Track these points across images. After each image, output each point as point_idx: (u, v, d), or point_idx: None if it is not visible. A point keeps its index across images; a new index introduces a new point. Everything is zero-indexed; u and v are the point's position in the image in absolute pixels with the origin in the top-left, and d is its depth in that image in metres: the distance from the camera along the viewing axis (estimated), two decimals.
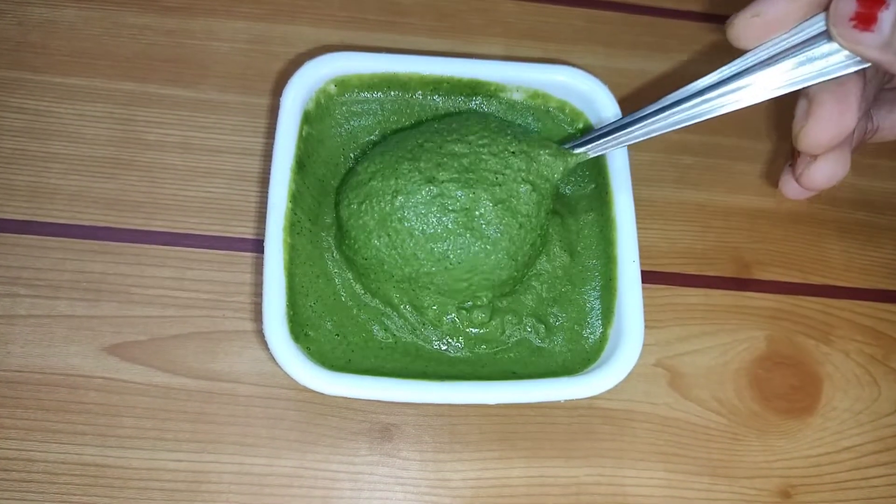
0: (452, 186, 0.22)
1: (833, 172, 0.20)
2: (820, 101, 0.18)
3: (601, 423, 0.26)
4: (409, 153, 0.23)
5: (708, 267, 0.29)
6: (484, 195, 0.22)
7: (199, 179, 0.28)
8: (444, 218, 0.22)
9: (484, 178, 0.22)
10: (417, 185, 0.22)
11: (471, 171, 0.22)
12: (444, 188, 0.22)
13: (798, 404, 0.27)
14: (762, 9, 0.18)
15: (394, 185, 0.22)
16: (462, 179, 0.22)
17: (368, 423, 0.25)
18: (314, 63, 0.25)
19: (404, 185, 0.22)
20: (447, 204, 0.22)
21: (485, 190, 0.22)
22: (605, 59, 0.32)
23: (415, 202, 0.22)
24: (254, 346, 0.26)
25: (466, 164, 0.22)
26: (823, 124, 0.18)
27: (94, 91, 0.29)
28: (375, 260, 0.23)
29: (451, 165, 0.22)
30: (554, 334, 0.25)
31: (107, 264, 0.26)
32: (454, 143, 0.23)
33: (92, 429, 0.24)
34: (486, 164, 0.23)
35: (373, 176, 0.23)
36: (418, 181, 0.22)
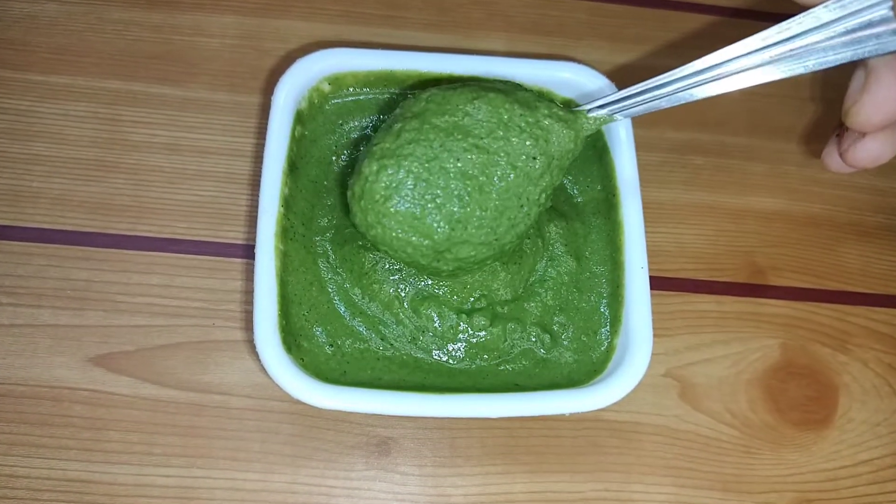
0: (468, 156, 0.21)
1: (881, 152, 0.19)
2: (878, 77, 0.17)
3: (608, 436, 0.26)
4: (423, 130, 0.21)
5: (719, 272, 0.29)
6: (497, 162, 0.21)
7: (187, 182, 0.28)
8: (459, 183, 0.21)
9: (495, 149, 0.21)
10: (435, 157, 0.21)
11: (482, 144, 0.21)
12: (461, 157, 0.21)
13: (814, 416, 0.27)
14: None
15: (413, 155, 0.21)
16: (476, 149, 0.21)
17: (365, 436, 0.25)
18: (307, 60, 0.25)
19: (422, 157, 0.21)
20: (465, 169, 0.21)
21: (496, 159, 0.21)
22: (610, 54, 0.32)
23: (430, 171, 0.21)
24: (245, 357, 0.26)
25: (478, 141, 0.21)
26: (879, 102, 0.17)
27: (78, 90, 0.28)
28: (394, 238, 0.21)
29: (464, 139, 0.21)
30: (559, 344, 0.24)
31: (92, 271, 0.26)
32: (464, 118, 0.21)
33: (77, 443, 0.24)
34: (498, 141, 0.21)
35: (398, 147, 0.21)
36: (434, 152, 0.21)
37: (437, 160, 0.21)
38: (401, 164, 0.21)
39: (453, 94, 0.21)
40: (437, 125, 0.21)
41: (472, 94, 0.21)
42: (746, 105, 0.32)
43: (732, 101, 0.32)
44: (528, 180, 0.21)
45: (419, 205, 0.21)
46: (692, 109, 0.32)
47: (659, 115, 0.31)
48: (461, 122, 0.21)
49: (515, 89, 0.22)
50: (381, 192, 0.21)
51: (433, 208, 0.21)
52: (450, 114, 0.21)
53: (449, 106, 0.21)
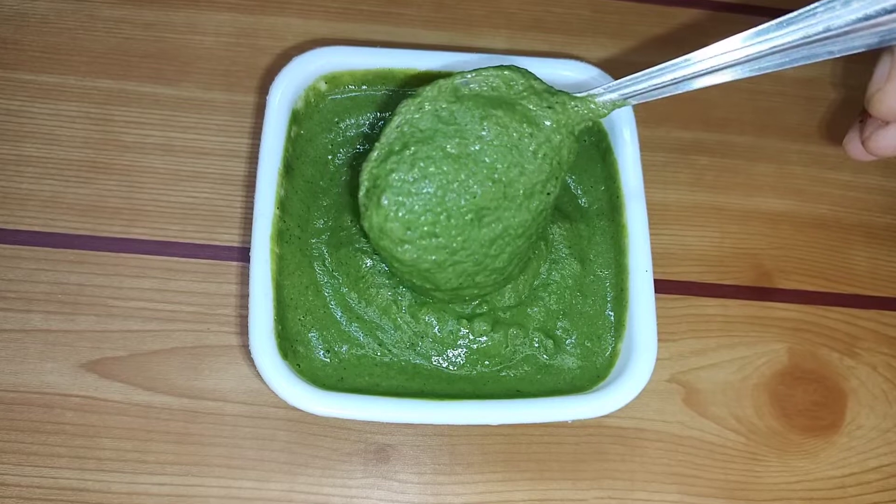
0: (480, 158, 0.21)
1: None
2: None
3: (611, 442, 0.26)
4: (437, 161, 0.21)
5: (725, 275, 0.29)
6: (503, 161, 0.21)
7: (181, 184, 0.28)
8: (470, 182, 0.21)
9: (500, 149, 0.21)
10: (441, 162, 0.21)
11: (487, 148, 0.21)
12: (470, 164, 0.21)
13: (821, 422, 0.27)
14: None
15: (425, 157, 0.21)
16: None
17: (363, 443, 0.25)
18: (303, 59, 0.25)
19: (430, 162, 0.21)
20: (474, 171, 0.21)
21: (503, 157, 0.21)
22: (613, 51, 0.32)
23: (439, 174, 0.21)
24: (240, 362, 0.26)
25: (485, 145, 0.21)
26: None
27: (69, 89, 0.28)
28: (411, 267, 0.22)
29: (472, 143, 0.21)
30: (563, 350, 0.24)
31: (83, 275, 0.26)
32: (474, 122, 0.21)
33: (69, 451, 0.24)
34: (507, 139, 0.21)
35: (404, 147, 0.21)
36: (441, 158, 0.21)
37: (455, 194, 0.21)
38: (418, 201, 0.21)
39: (459, 108, 0.21)
40: (450, 154, 0.21)
41: (480, 112, 0.21)
42: (753, 104, 0.32)
43: (738, 100, 0.32)
44: (539, 213, 0.22)
45: (439, 249, 0.21)
46: (697, 108, 0.32)
47: (663, 115, 0.32)
48: (474, 149, 0.21)
49: (517, 90, 0.22)
50: (399, 232, 0.21)
51: (448, 255, 0.21)
52: (461, 136, 0.21)
53: (458, 126, 0.21)
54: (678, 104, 0.32)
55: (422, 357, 0.24)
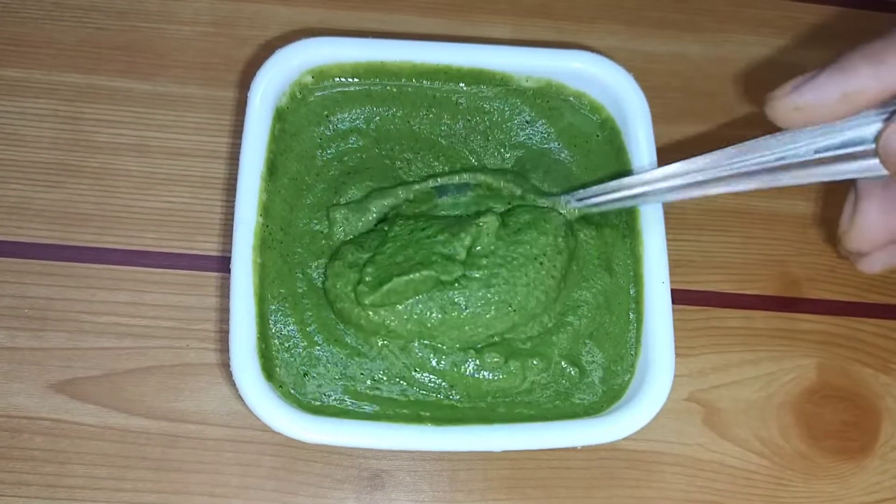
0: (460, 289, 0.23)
1: (887, 261, 0.20)
2: (865, 209, 0.19)
3: (624, 467, 0.26)
4: (412, 261, 0.23)
5: (749, 284, 0.29)
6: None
7: (157, 187, 0.27)
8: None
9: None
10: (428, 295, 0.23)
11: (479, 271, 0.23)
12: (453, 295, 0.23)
13: (853, 444, 0.27)
14: (805, 102, 0.17)
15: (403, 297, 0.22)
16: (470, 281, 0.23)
17: (356, 469, 0.25)
18: (286, 51, 0.24)
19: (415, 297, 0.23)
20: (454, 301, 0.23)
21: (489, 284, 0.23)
22: (627, 40, 0.31)
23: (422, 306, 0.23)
24: (223, 382, 0.25)
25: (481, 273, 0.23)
26: (867, 230, 0.19)
27: (35, 84, 0.28)
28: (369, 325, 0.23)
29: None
30: (587, 375, 0.23)
31: (52, 288, 0.26)
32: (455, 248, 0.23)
33: (38, 478, 0.23)
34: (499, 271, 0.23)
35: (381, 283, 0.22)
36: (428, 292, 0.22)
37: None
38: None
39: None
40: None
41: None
42: None
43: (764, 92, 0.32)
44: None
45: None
46: (718, 102, 0.31)
47: (681, 109, 0.31)
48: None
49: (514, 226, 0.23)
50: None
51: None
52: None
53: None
54: (697, 98, 0.31)
55: (415, 389, 0.23)
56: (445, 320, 0.22)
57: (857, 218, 0.19)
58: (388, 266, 0.23)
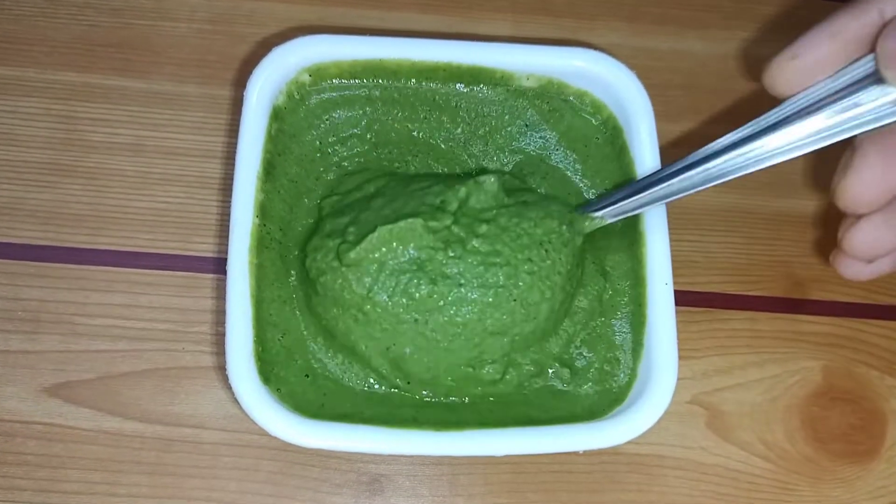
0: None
1: (877, 238, 0.19)
2: (863, 153, 0.18)
3: (627, 470, 0.26)
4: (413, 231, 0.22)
5: (753, 285, 0.28)
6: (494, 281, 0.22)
7: (152, 187, 0.27)
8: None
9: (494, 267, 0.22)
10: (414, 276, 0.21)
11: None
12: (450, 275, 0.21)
13: (859, 447, 0.27)
14: (800, 50, 0.17)
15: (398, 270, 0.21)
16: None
17: (355, 473, 0.25)
18: (284, 48, 0.24)
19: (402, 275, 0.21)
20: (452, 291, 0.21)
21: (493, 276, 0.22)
22: (629, 37, 0.31)
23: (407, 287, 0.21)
24: (219, 385, 0.25)
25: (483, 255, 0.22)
26: (865, 178, 0.18)
27: (28, 83, 0.28)
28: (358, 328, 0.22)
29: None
30: (580, 377, 0.24)
31: (45, 290, 0.25)
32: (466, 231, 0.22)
33: (31, 483, 0.23)
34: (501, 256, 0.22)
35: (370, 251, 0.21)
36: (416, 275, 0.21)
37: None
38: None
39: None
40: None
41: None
42: None
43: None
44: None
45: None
46: (722, 99, 0.31)
47: (684, 107, 0.31)
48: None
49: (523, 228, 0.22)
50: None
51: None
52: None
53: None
54: (701, 95, 0.31)
55: (411, 393, 0.23)
56: (435, 295, 0.21)
57: (854, 162, 0.18)
58: (372, 221, 0.22)
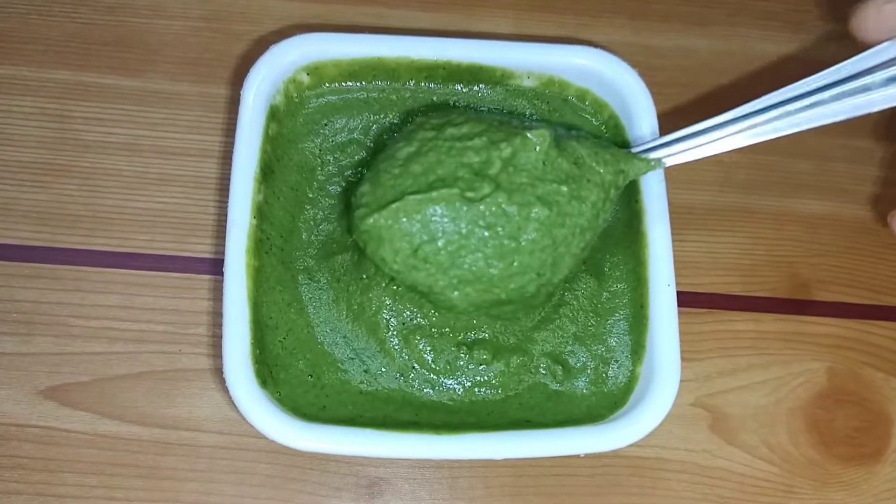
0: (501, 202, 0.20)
1: None
2: None
3: (629, 474, 0.25)
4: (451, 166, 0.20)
5: (757, 286, 0.28)
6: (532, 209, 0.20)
7: (148, 188, 0.27)
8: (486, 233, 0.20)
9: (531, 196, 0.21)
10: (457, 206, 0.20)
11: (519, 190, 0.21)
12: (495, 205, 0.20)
13: (864, 450, 0.27)
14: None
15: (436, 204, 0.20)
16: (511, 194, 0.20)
17: (354, 476, 0.25)
18: (281, 47, 0.24)
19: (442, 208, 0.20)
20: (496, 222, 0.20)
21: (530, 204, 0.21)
22: (633, 35, 0.31)
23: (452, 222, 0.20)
24: (216, 388, 0.25)
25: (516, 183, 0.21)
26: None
27: (21, 81, 0.27)
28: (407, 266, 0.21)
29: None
30: (574, 376, 0.24)
31: (40, 291, 0.25)
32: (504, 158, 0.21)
33: (27, 487, 0.23)
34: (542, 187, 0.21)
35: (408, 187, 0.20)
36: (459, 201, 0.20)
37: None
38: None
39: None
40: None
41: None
42: None
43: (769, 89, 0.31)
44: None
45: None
46: (726, 96, 0.31)
47: (687, 105, 0.31)
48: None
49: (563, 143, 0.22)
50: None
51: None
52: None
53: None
54: (705, 94, 0.30)
55: (413, 388, 0.23)
56: (470, 223, 0.20)
57: None
58: (399, 178, 0.20)
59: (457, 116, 0.22)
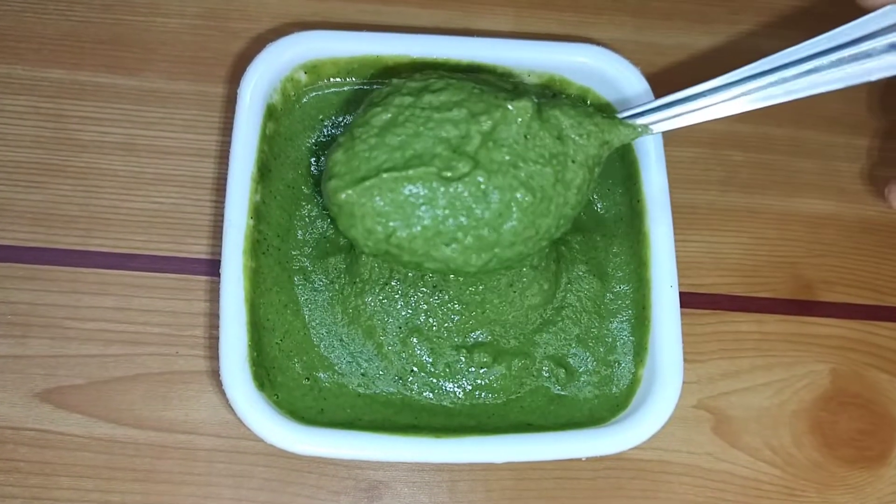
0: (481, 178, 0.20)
1: None
2: None
3: (631, 477, 0.25)
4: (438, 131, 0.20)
5: (761, 287, 0.28)
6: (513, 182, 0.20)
7: (144, 188, 0.27)
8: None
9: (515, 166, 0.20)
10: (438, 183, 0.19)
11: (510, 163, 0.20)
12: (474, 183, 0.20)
13: (868, 452, 0.27)
14: None
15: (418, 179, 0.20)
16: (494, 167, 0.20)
17: (353, 479, 0.24)
18: (279, 45, 0.24)
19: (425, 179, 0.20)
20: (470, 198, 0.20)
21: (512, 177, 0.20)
22: (634, 32, 0.31)
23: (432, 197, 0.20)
24: (213, 390, 0.25)
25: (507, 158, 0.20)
26: None
27: (16, 80, 0.27)
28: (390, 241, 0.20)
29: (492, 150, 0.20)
30: (576, 379, 0.24)
31: (35, 293, 0.25)
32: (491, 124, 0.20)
33: (23, 490, 0.23)
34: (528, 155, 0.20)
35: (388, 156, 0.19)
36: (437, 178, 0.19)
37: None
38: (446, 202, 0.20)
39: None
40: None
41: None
42: None
43: None
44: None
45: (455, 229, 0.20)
46: None
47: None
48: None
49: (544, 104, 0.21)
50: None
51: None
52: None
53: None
54: None
55: (412, 391, 0.23)
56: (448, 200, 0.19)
57: None
58: (375, 149, 0.19)
59: (436, 81, 0.20)
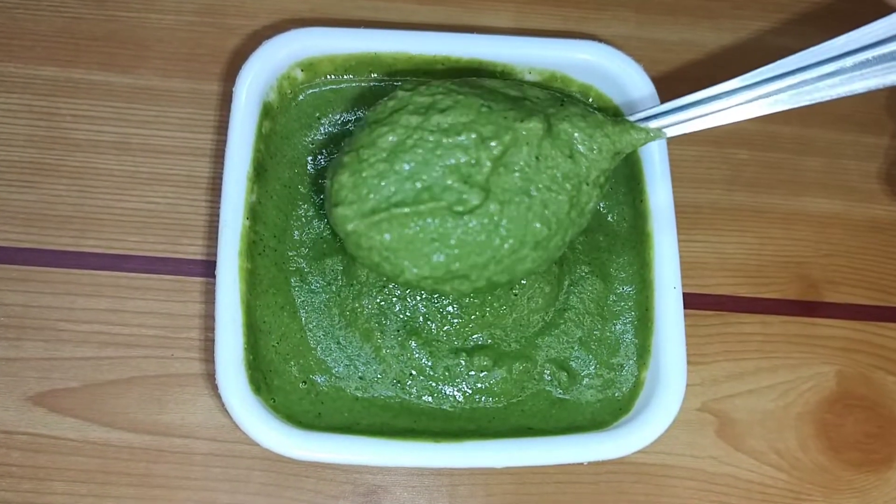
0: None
1: None
2: None
3: (634, 481, 0.25)
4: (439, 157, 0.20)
5: (766, 288, 0.28)
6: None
7: (139, 187, 0.26)
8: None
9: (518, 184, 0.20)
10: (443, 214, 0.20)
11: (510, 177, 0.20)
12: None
13: (874, 455, 0.26)
14: None
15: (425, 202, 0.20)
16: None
17: (351, 484, 0.24)
18: (275, 42, 0.24)
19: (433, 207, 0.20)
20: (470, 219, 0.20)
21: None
22: (637, 28, 0.31)
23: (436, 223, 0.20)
24: (209, 393, 0.25)
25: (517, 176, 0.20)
26: None
27: (8, 78, 0.27)
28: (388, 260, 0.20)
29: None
30: (579, 382, 0.23)
31: (28, 294, 0.25)
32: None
33: (16, 496, 0.23)
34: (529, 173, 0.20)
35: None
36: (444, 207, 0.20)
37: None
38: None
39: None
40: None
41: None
42: None
43: None
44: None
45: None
46: None
47: None
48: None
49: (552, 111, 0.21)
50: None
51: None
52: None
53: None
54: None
55: (410, 395, 0.23)
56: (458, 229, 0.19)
57: None
58: (383, 177, 0.19)
59: (443, 97, 0.20)
